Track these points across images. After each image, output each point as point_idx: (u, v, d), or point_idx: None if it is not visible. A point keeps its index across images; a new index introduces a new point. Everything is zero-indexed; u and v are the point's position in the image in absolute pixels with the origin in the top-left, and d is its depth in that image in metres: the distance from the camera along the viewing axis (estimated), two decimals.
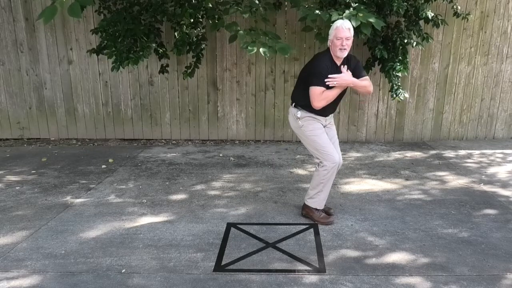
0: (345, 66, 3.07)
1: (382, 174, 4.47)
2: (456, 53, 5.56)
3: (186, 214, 3.49)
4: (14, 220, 3.38)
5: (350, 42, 2.98)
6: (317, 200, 3.30)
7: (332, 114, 3.34)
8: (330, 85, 3.00)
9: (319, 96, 2.99)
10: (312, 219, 3.33)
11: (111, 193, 3.94)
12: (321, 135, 3.16)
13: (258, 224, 3.30)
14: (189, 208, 3.62)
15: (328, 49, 3.09)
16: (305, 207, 3.40)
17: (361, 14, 3.88)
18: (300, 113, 3.16)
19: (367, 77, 3.17)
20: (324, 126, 3.24)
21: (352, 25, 3.16)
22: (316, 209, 3.32)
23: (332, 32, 3.02)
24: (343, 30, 2.95)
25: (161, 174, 4.49)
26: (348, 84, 3.06)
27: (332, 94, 3.02)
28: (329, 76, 2.98)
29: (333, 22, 4.05)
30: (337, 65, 3.05)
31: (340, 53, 2.98)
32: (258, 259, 2.78)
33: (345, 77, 3.01)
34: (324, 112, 3.16)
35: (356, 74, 3.10)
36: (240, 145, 5.68)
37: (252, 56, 5.47)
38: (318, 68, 3.03)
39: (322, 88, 2.99)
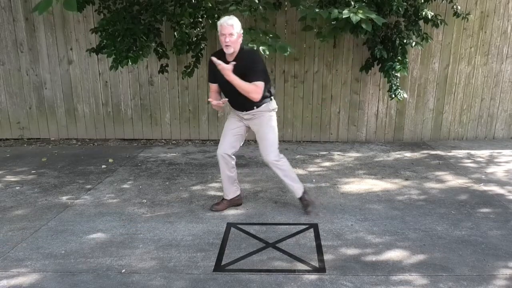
0: (233, 63, 3.05)
1: (382, 174, 4.47)
2: (456, 53, 5.56)
3: (186, 214, 3.49)
4: (14, 220, 3.38)
5: (234, 39, 3.04)
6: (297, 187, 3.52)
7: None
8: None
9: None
10: (312, 205, 3.49)
11: (111, 193, 3.94)
12: None
13: (258, 224, 3.30)
14: (189, 208, 3.62)
15: None
16: (302, 200, 3.51)
17: (361, 11, 3.88)
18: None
19: (256, 83, 3.09)
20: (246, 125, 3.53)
21: (351, 21, 3.23)
22: (304, 194, 3.51)
23: (218, 29, 3.10)
24: (226, 26, 3.03)
25: (161, 174, 4.49)
26: (226, 75, 3.04)
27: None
28: (215, 60, 3.05)
29: (333, 19, 4.05)
30: (227, 61, 3.09)
31: (226, 49, 3.07)
32: (258, 259, 2.78)
33: (226, 66, 3.02)
34: (234, 105, 3.38)
35: (245, 75, 3.07)
36: None
37: None
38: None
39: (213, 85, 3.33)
